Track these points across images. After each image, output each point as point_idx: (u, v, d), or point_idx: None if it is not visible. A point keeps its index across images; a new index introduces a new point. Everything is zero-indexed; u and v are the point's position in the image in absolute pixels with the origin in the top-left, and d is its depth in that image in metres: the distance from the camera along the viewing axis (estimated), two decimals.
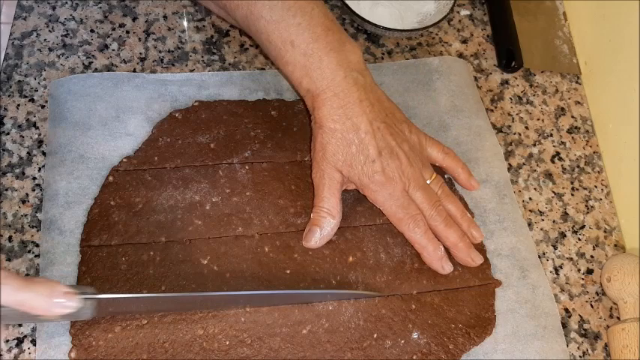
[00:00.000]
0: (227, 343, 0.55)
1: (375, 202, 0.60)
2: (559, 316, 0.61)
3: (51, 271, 0.56)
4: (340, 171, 0.59)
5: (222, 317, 0.56)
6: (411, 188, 0.60)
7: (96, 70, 0.67)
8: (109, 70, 0.67)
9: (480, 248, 0.63)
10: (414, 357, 0.56)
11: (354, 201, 0.63)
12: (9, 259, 0.58)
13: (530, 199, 0.68)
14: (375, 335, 0.57)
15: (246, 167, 0.63)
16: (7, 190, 0.60)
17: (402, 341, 0.57)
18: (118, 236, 0.58)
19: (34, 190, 0.61)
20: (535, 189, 0.69)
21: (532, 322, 0.60)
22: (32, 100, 0.65)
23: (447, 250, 0.61)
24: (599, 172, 0.72)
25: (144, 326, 0.55)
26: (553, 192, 0.69)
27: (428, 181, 0.61)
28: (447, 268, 0.60)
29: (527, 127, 0.73)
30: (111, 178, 0.61)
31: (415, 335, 0.57)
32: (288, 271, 0.59)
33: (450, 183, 0.66)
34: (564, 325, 0.62)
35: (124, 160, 0.62)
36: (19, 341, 0.55)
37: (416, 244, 0.60)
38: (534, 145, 0.72)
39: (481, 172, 0.67)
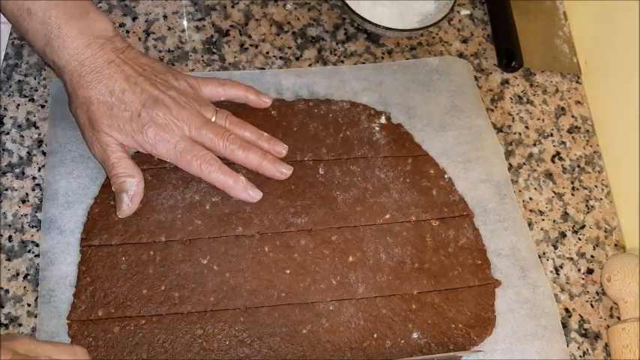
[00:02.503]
0: (227, 342, 0.55)
1: (160, 155, 0.59)
2: (559, 316, 0.61)
3: (51, 271, 0.56)
4: (112, 136, 0.58)
5: (221, 317, 0.56)
6: (192, 130, 0.59)
7: None
8: None
9: (480, 248, 0.63)
10: (414, 357, 0.56)
11: (354, 201, 0.63)
12: (9, 259, 0.58)
13: (530, 198, 0.68)
14: (375, 335, 0.57)
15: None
16: (7, 189, 0.60)
17: (402, 341, 0.57)
18: (118, 236, 0.58)
19: (33, 190, 0.61)
20: (535, 189, 0.69)
21: (532, 322, 0.60)
22: (32, 100, 0.65)
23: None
24: (599, 171, 0.71)
25: (143, 326, 0.55)
26: (553, 192, 0.69)
27: (213, 119, 0.61)
28: (254, 195, 0.60)
29: (527, 127, 0.72)
30: None
31: (415, 335, 0.57)
32: (288, 271, 0.59)
33: (450, 183, 0.66)
34: (564, 325, 0.62)
35: None
36: None
37: (215, 182, 0.60)
38: (534, 144, 0.72)
39: (481, 171, 0.67)
